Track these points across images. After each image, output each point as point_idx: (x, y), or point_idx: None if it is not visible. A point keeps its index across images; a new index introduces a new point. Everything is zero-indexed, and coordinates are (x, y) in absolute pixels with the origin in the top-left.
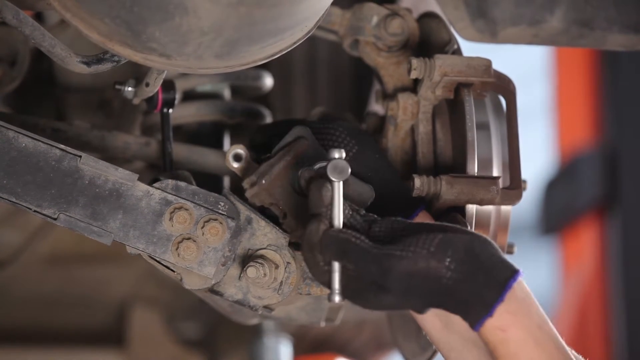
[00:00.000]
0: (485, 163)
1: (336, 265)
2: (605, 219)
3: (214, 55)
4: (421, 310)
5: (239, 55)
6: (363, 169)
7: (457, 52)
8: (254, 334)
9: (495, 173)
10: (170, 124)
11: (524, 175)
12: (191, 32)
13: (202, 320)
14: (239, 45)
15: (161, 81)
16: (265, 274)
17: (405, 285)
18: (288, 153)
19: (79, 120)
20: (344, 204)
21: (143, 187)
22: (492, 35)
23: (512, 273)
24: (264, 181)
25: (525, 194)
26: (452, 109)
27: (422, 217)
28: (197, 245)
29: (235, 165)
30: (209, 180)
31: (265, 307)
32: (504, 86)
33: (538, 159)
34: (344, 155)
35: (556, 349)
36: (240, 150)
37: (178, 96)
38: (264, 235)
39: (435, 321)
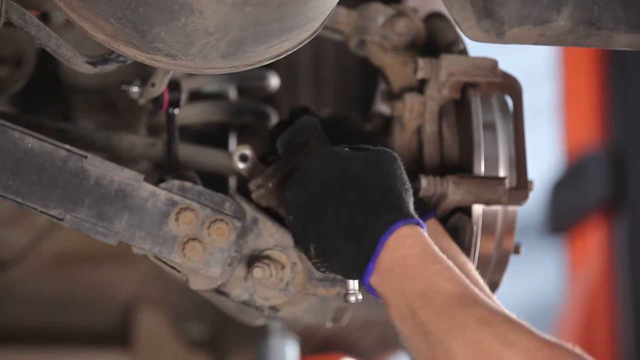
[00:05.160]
0: (492, 163)
1: None
2: (612, 219)
3: (220, 55)
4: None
5: (244, 55)
6: None
7: (464, 52)
8: (260, 334)
9: (501, 173)
10: (176, 124)
11: (531, 175)
12: (197, 32)
13: (208, 321)
14: (244, 45)
15: (167, 81)
16: (271, 275)
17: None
18: (294, 154)
19: (85, 120)
20: None
21: (149, 187)
22: (498, 35)
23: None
24: (270, 184)
25: (532, 194)
26: (458, 109)
27: (432, 224)
28: (203, 245)
29: (242, 166)
30: (214, 181)
31: (272, 307)
32: (511, 86)
33: (545, 159)
34: None
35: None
36: (247, 151)
37: (184, 96)
38: (270, 235)
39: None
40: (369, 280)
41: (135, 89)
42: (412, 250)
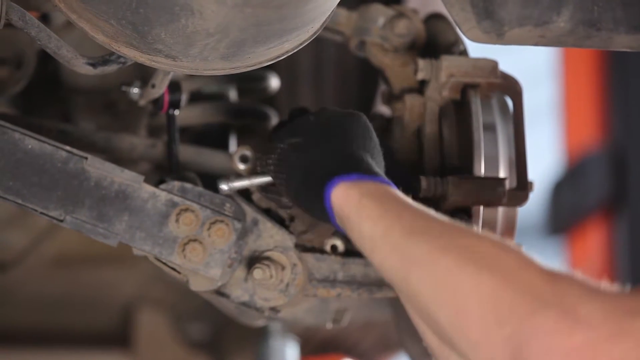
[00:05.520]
0: (492, 164)
1: None
2: (612, 219)
3: (220, 56)
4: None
5: (244, 56)
6: None
7: (464, 53)
8: (261, 335)
9: (502, 174)
10: (177, 125)
11: (531, 176)
12: (197, 33)
13: (208, 322)
14: (244, 46)
15: (167, 82)
16: (271, 276)
17: None
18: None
19: (85, 121)
20: None
21: (149, 188)
22: (498, 36)
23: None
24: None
25: (532, 195)
26: (458, 110)
27: None
28: (203, 246)
29: (242, 166)
30: (215, 182)
31: (272, 308)
32: (511, 87)
33: (545, 160)
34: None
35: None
36: (247, 151)
37: (184, 98)
38: (270, 236)
39: (434, 337)
40: (335, 186)
41: (135, 90)
42: (398, 192)
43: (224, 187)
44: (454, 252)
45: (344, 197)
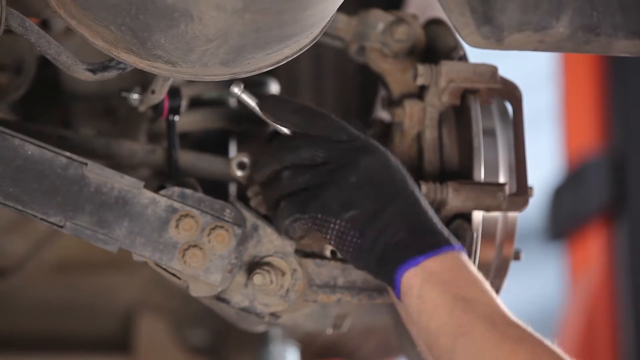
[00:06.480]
0: (492, 169)
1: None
2: (612, 225)
3: (220, 62)
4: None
5: (244, 62)
6: None
7: (463, 58)
8: (261, 341)
9: (501, 179)
10: (176, 131)
11: (531, 181)
12: (196, 39)
13: (209, 328)
14: (244, 52)
15: (167, 88)
16: (271, 281)
17: None
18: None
19: (85, 127)
20: None
21: (149, 194)
22: (497, 41)
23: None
24: None
25: (532, 200)
26: (458, 116)
27: None
28: (203, 252)
29: (240, 173)
30: (215, 188)
31: (272, 314)
32: (511, 92)
33: (545, 165)
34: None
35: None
36: (244, 158)
37: (184, 103)
38: (270, 242)
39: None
40: (409, 269)
41: (135, 96)
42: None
43: (236, 89)
44: (498, 326)
45: (417, 274)
